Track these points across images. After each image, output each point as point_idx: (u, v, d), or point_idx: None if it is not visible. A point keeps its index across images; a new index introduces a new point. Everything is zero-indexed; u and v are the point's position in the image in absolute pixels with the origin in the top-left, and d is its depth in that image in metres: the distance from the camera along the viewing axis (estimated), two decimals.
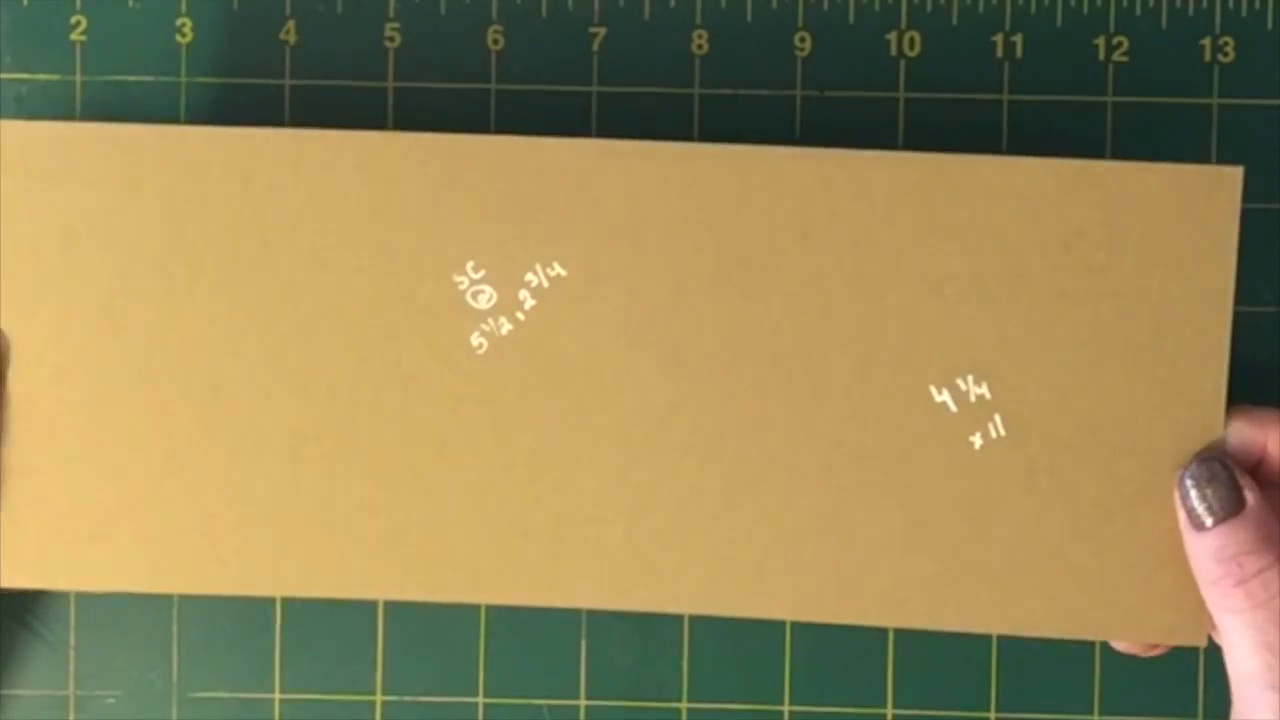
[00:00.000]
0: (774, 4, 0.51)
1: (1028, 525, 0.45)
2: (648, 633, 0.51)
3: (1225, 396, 0.44)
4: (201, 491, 0.46)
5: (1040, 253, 0.44)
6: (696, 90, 0.51)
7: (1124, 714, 0.51)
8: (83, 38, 0.51)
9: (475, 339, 0.45)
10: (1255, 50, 0.50)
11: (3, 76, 0.51)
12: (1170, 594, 0.44)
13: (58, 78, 0.51)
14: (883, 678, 0.51)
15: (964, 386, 0.45)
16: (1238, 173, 0.44)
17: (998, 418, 0.45)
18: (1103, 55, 0.50)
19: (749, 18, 0.51)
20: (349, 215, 0.45)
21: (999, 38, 0.51)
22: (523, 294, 0.45)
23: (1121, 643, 0.47)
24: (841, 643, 0.51)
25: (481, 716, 0.51)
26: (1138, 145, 0.50)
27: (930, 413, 0.45)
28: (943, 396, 0.45)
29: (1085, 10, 0.50)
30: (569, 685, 0.51)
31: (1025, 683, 0.51)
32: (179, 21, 0.51)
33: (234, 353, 0.45)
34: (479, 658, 0.51)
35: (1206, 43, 0.50)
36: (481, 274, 0.45)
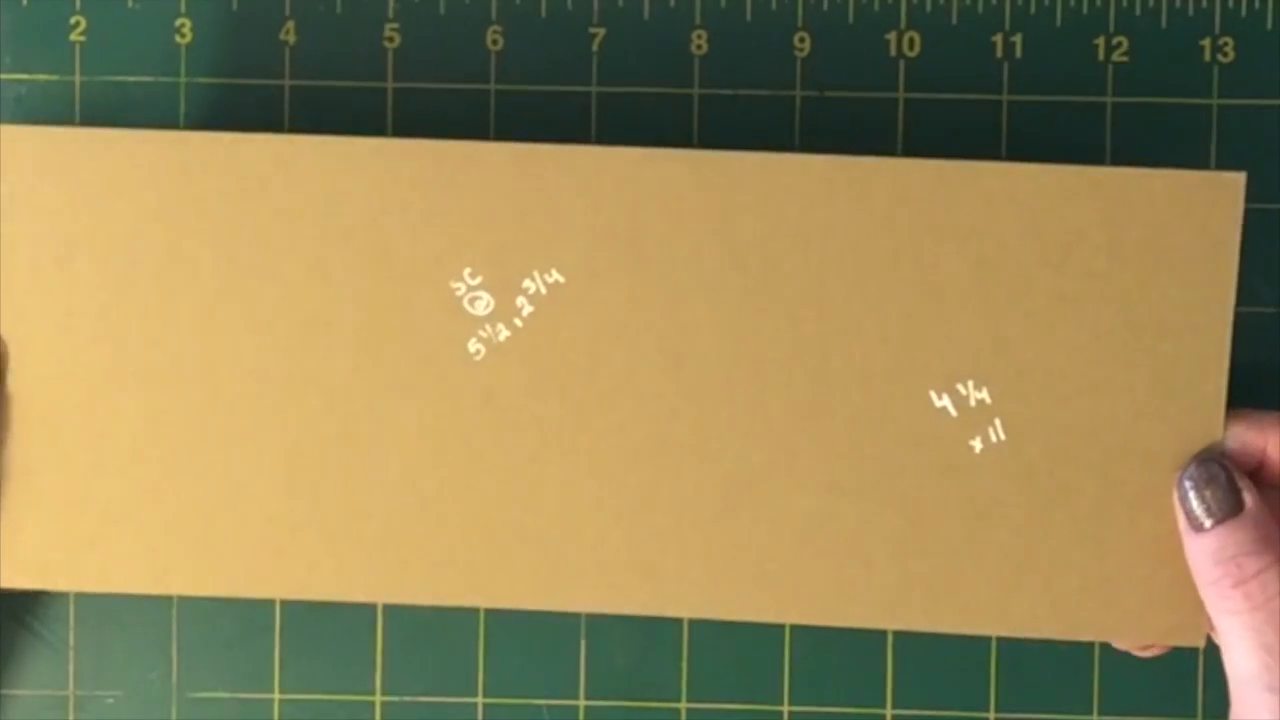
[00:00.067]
0: (774, 4, 0.51)
1: (1027, 528, 0.45)
2: (647, 633, 0.51)
3: (1225, 400, 0.44)
4: (200, 494, 0.46)
5: (1041, 258, 0.44)
6: (696, 90, 0.51)
7: (1124, 714, 0.51)
8: (82, 38, 0.51)
9: (473, 345, 0.45)
10: (1255, 50, 0.50)
11: (2, 76, 0.51)
12: (1169, 595, 0.45)
13: (57, 78, 0.51)
14: (882, 678, 0.51)
15: (964, 391, 0.45)
16: (1240, 178, 0.44)
17: (998, 422, 0.45)
18: (1103, 55, 0.50)
19: (749, 18, 0.51)
20: (347, 220, 0.45)
21: (999, 38, 0.51)
22: (520, 300, 0.45)
23: (1120, 642, 0.47)
24: (841, 643, 0.51)
25: (481, 716, 0.51)
26: (1137, 145, 0.50)
27: (930, 417, 0.45)
28: (943, 401, 0.45)
29: (1085, 10, 0.50)
30: (568, 685, 0.51)
31: (1025, 683, 0.51)
32: (179, 22, 0.51)
33: (233, 357, 0.45)
34: (478, 658, 0.51)
35: (1206, 43, 0.50)
36: (479, 280, 0.45)
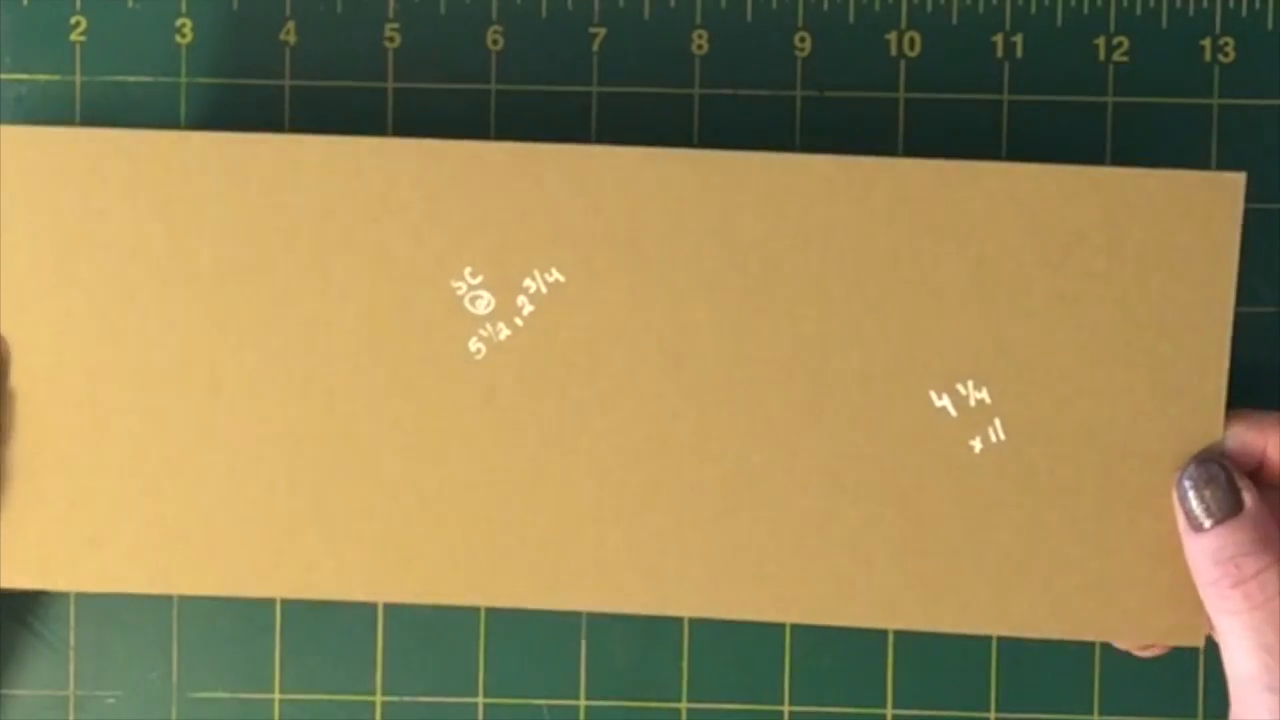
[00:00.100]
0: (774, 4, 0.51)
1: (1027, 528, 0.45)
2: (647, 633, 0.51)
3: (1225, 401, 0.44)
4: (201, 494, 0.46)
5: (1041, 258, 0.44)
6: (696, 90, 0.51)
7: (1124, 714, 0.51)
8: (82, 38, 0.51)
9: (473, 344, 0.45)
10: (1255, 50, 0.50)
11: (2, 77, 0.51)
12: (1169, 595, 0.45)
13: (57, 78, 0.51)
14: (882, 678, 0.51)
15: (964, 391, 0.45)
16: (1240, 179, 0.44)
17: (998, 422, 0.45)
18: (1103, 55, 0.50)
19: (749, 18, 0.51)
20: (348, 220, 0.45)
21: (999, 38, 0.51)
22: (521, 300, 0.45)
23: (1120, 642, 0.47)
24: (841, 643, 0.51)
25: (481, 716, 0.51)
26: (1138, 145, 0.50)
27: (930, 417, 0.45)
28: (943, 401, 0.45)
29: (1085, 10, 0.50)
30: (569, 685, 0.51)
31: (1025, 683, 0.51)
32: (179, 22, 0.51)
33: (233, 357, 0.45)
34: (479, 658, 0.51)
35: (1206, 43, 0.50)
36: (480, 279, 0.45)
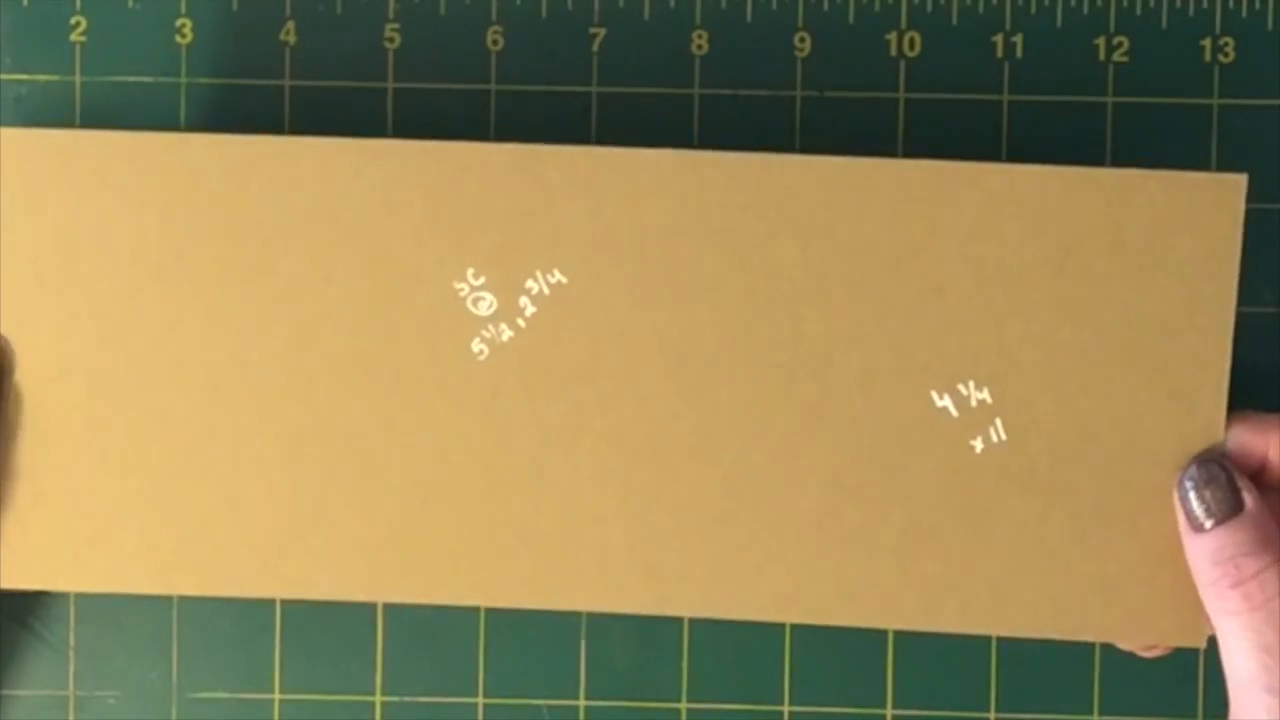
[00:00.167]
0: (774, 4, 0.51)
1: (1028, 527, 0.45)
2: (647, 633, 0.51)
3: (1226, 402, 0.44)
4: (203, 495, 0.46)
5: (1042, 259, 0.44)
6: (696, 90, 0.51)
7: (1124, 714, 0.51)
8: (83, 38, 0.51)
9: (476, 345, 0.45)
10: (1255, 50, 0.50)
11: (2, 77, 0.51)
12: (1170, 596, 0.44)
13: (57, 78, 0.51)
14: (882, 678, 0.51)
15: (965, 391, 0.45)
16: (1241, 180, 0.44)
17: (999, 422, 0.45)
18: (1103, 55, 0.50)
19: (749, 18, 0.51)
20: (349, 221, 0.45)
21: (999, 38, 0.51)
22: (523, 301, 0.45)
23: (1122, 642, 0.47)
24: (841, 643, 0.51)
25: (481, 716, 0.51)
26: (1138, 146, 0.50)
27: (931, 417, 0.45)
28: (944, 401, 0.45)
29: (1085, 10, 0.50)
30: (569, 685, 0.51)
31: (1025, 683, 0.51)
32: (179, 22, 0.51)
33: (235, 358, 0.45)
34: (479, 658, 0.51)
35: (1206, 43, 0.50)
36: (482, 281, 0.45)
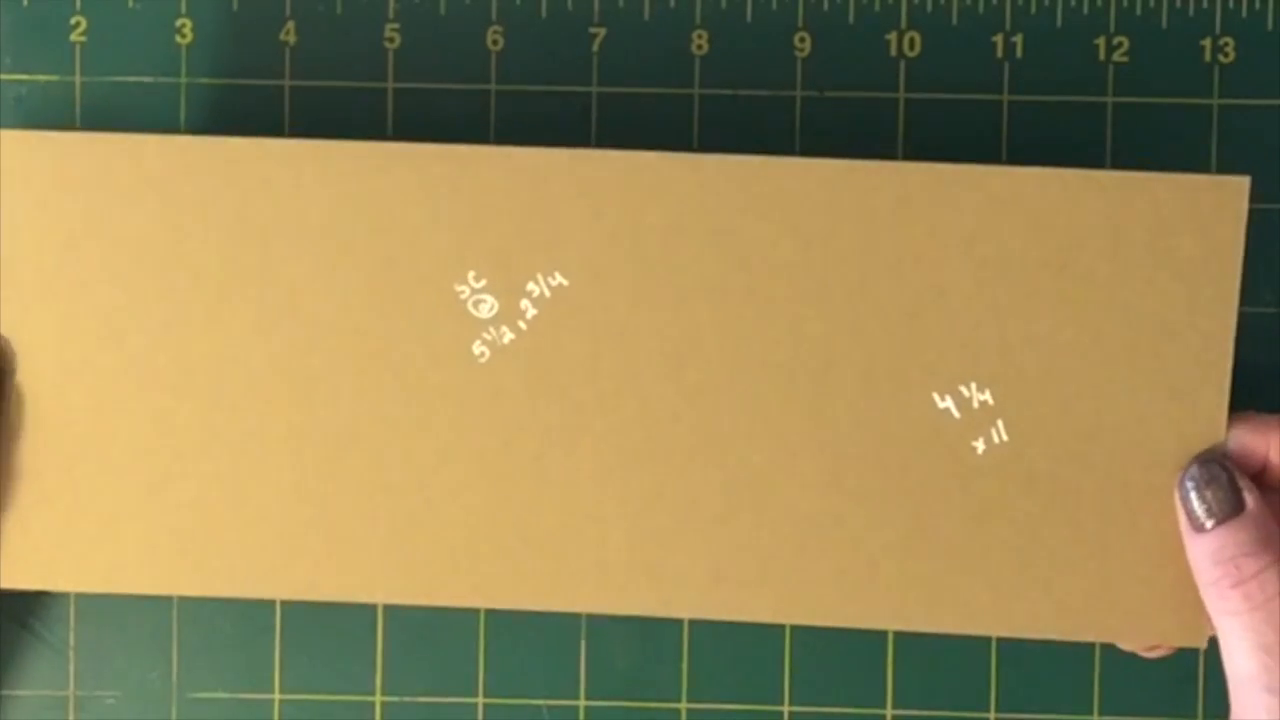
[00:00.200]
0: (774, 4, 0.51)
1: (1029, 528, 0.45)
2: (647, 634, 0.51)
3: (1228, 404, 0.44)
4: (205, 496, 0.46)
5: (1044, 261, 0.44)
6: (696, 90, 0.51)
7: (1124, 714, 0.51)
8: (83, 38, 0.51)
9: (477, 348, 0.45)
10: (1255, 50, 0.50)
11: (3, 77, 0.51)
12: (1171, 596, 0.45)
13: (57, 78, 0.51)
14: (882, 678, 0.51)
15: (967, 393, 0.45)
16: (1244, 183, 0.44)
17: (1000, 423, 0.45)
18: (1103, 55, 0.50)
19: (749, 18, 0.51)
20: (351, 224, 0.45)
21: (999, 38, 0.51)
22: (524, 303, 0.45)
23: (1123, 643, 0.47)
24: (841, 643, 0.51)
25: (481, 717, 0.51)
26: (1138, 146, 0.50)
27: (933, 418, 0.45)
28: (945, 403, 0.45)
29: (1085, 10, 0.50)
30: (569, 686, 0.51)
31: (1025, 683, 0.51)
32: (179, 22, 0.51)
33: (237, 360, 0.45)
34: (479, 658, 0.51)
35: (1206, 43, 0.50)
36: (483, 283, 0.45)
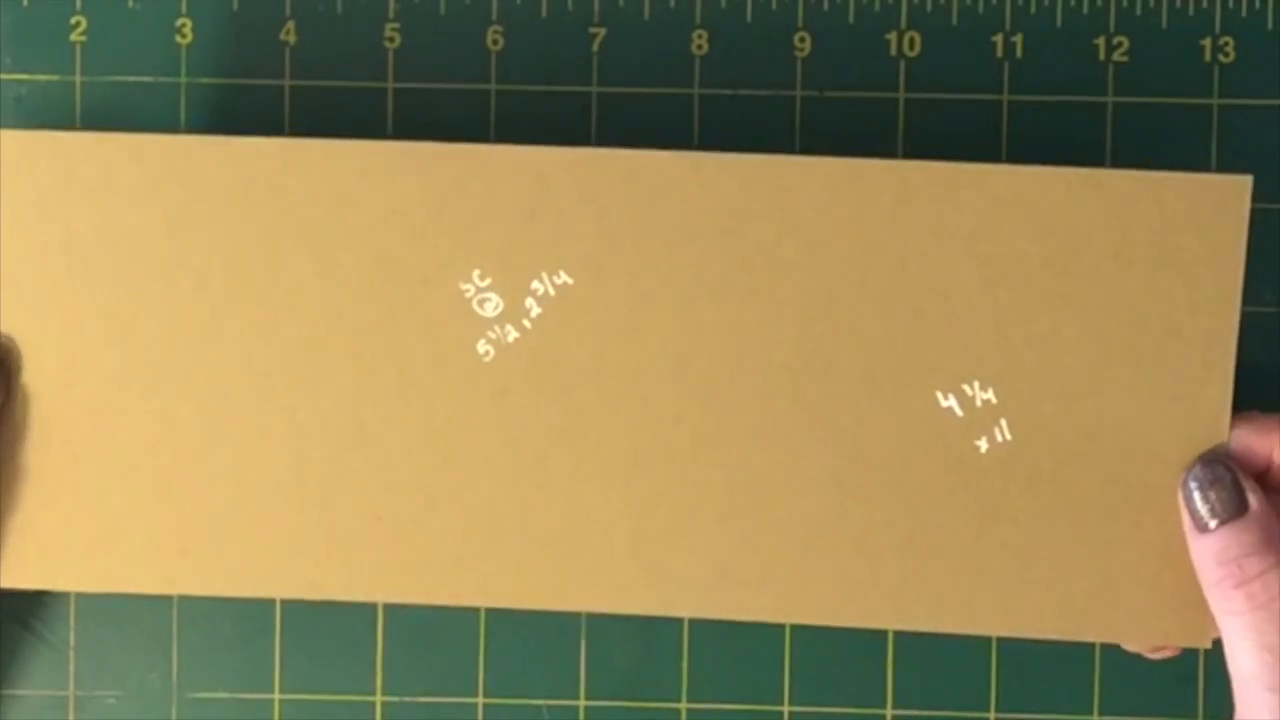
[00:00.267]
0: (774, 4, 0.51)
1: (1033, 527, 0.45)
2: (647, 633, 0.51)
3: (1230, 403, 0.44)
4: (209, 495, 0.46)
5: (1047, 260, 0.44)
6: (696, 90, 0.51)
7: (1124, 714, 0.51)
8: (83, 38, 0.51)
9: (482, 346, 0.45)
10: (1255, 50, 0.50)
11: (3, 77, 0.51)
12: (1175, 596, 0.44)
13: (58, 78, 0.51)
14: (883, 678, 0.51)
15: (970, 392, 0.45)
16: (1246, 181, 0.44)
17: (1004, 422, 0.45)
18: (1103, 55, 0.50)
19: (749, 18, 0.51)
20: (355, 223, 0.45)
21: (999, 38, 0.51)
22: (529, 302, 0.45)
23: (1128, 643, 0.47)
24: (841, 643, 0.51)
25: (481, 716, 0.51)
26: (1138, 146, 0.50)
27: (936, 417, 0.45)
28: (949, 401, 0.45)
29: (1085, 10, 0.50)
30: (569, 685, 0.51)
31: (1025, 683, 0.51)
32: (179, 22, 0.51)
33: (241, 359, 0.45)
34: (479, 658, 0.51)
35: (1206, 43, 0.50)
36: (488, 282, 0.45)
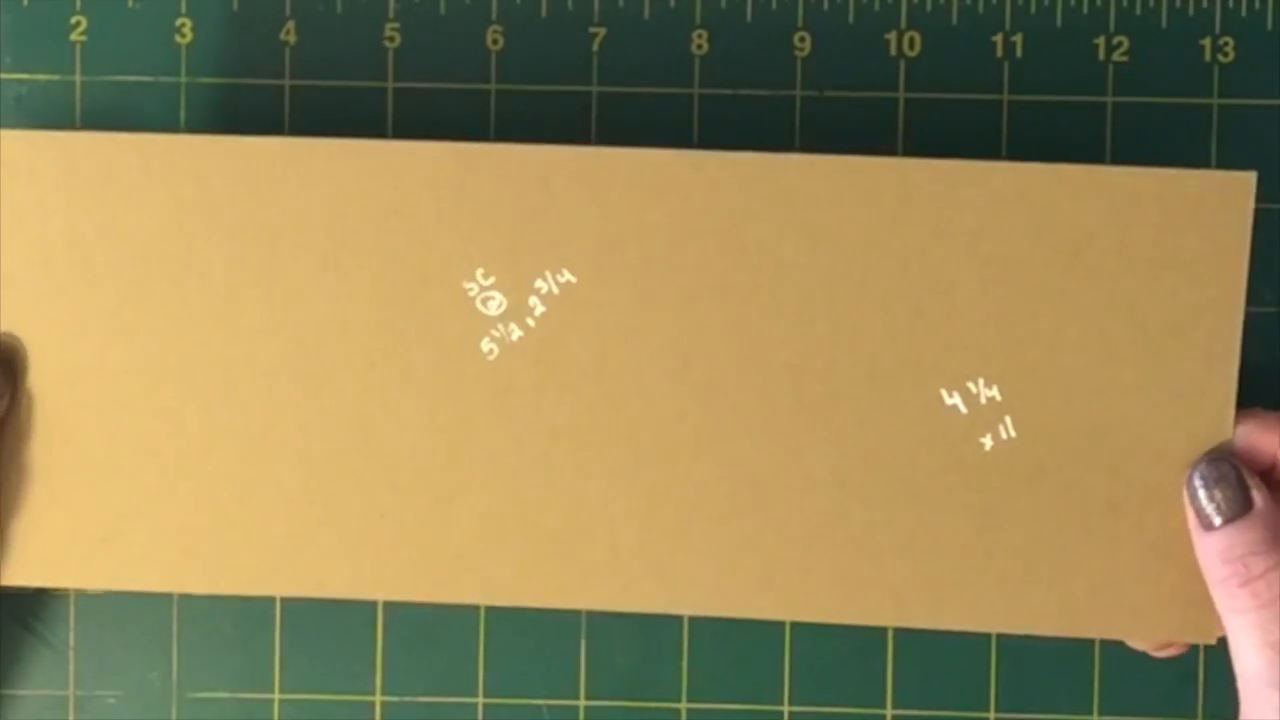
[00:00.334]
0: (774, 4, 0.51)
1: (1037, 525, 0.45)
2: (647, 633, 0.51)
3: (1235, 401, 0.44)
4: (214, 494, 0.46)
5: (1050, 257, 0.44)
6: (696, 90, 0.51)
7: (1124, 714, 0.51)
8: (83, 38, 0.51)
9: (486, 345, 0.45)
10: (1255, 50, 0.50)
11: (3, 77, 0.51)
12: (1179, 593, 0.45)
13: (58, 78, 0.51)
14: (883, 678, 0.51)
15: (974, 389, 0.45)
16: (1250, 178, 0.44)
17: (1008, 419, 0.45)
18: (1103, 55, 0.50)
19: (749, 18, 0.51)
20: (359, 222, 0.45)
21: (999, 38, 0.51)
22: (533, 300, 0.45)
23: (1133, 640, 0.47)
24: (841, 643, 0.51)
25: (481, 716, 0.51)
26: (1138, 145, 0.50)
27: (941, 415, 0.45)
28: (953, 399, 0.45)
29: (1085, 10, 0.51)
30: (569, 685, 0.51)
31: (1025, 683, 0.51)
32: (179, 21, 0.51)
33: (245, 358, 0.45)
34: (479, 658, 0.51)
35: (1206, 43, 0.50)
36: (491, 280, 0.45)
